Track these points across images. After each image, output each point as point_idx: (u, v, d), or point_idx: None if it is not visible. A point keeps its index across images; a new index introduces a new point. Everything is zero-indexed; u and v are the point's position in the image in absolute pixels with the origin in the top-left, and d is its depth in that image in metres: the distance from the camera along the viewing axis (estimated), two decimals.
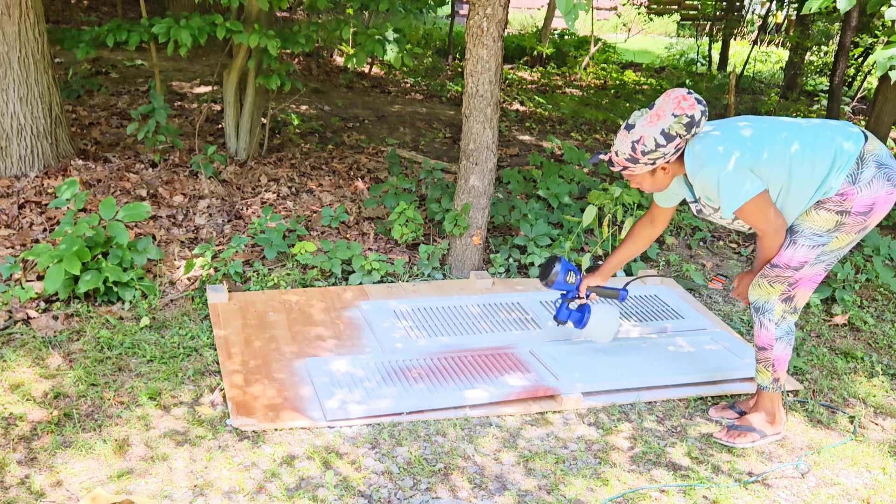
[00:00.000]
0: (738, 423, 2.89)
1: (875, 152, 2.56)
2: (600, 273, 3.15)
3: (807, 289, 2.76)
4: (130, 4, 9.50)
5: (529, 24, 14.48)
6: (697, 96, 2.56)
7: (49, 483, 2.37)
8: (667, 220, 3.02)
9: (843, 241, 2.64)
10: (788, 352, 2.81)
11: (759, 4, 15.99)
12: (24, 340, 3.12)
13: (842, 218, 2.57)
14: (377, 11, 4.95)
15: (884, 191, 2.55)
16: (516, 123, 7.61)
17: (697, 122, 2.56)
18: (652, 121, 2.58)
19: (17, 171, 4.44)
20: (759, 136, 2.58)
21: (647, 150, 2.60)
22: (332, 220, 4.35)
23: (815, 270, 2.73)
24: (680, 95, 2.57)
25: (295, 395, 2.88)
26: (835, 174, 2.53)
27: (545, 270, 3.14)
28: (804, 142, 2.56)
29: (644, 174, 2.72)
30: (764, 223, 2.63)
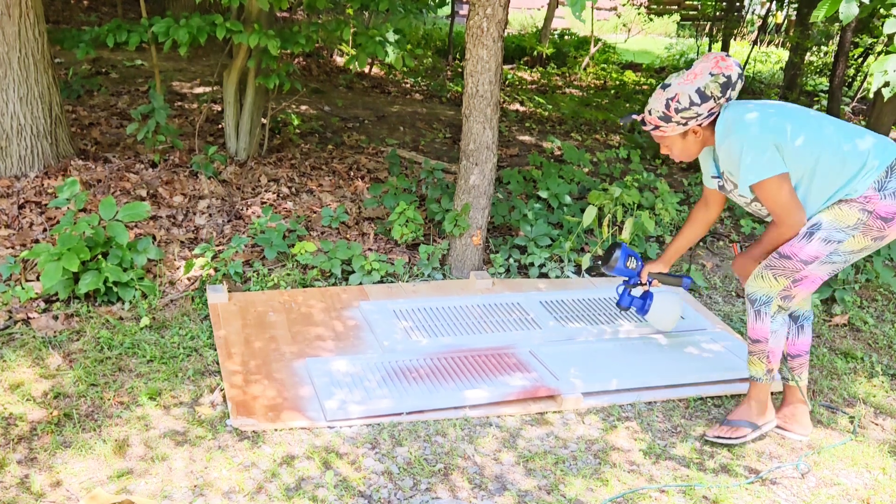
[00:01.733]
0: (729, 417, 2.88)
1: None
2: (662, 260, 3.14)
3: (807, 289, 2.72)
4: (130, 4, 9.50)
5: (529, 24, 14.48)
6: (736, 60, 2.54)
7: (49, 483, 2.37)
8: (720, 203, 2.97)
9: (858, 243, 2.59)
10: (783, 343, 2.80)
11: (759, 4, 15.99)
12: (24, 340, 3.12)
13: (864, 217, 2.53)
14: (377, 12, 4.95)
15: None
16: (516, 123, 7.62)
17: (734, 83, 2.55)
18: (688, 79, 2.58)
19: (17, 171, 4.44)
20: (798, 118, 2.57)
21: (681, 108, 2.59)
22: (332, 220, 4.35)
23: (822, 271, 2.67)
24: (719, 56, 2.56)
25: (295, 396, 2.88)
26: (862, 176, 2.51)
27: (606, 255, 3.17)
28: (842, 137, 2.55)
29: (675, 136, 2.70)
30: (782, 209, 2.59)
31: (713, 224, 3.05)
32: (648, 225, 4.21)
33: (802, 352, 2.92)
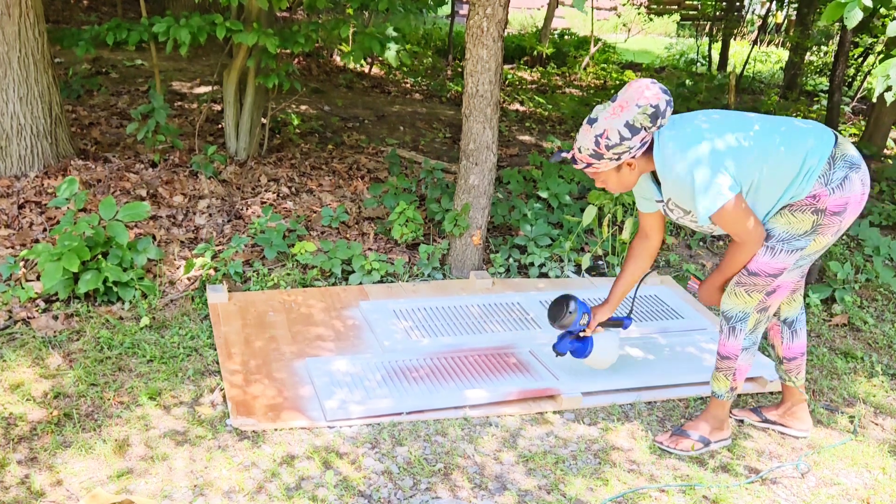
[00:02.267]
0: (684, 426, 2.82)
1: (846, 153, 2.48)
2: (608, 304, 2.91)
3: (782, 296, 2.65)
4: (130, 4, 9.50)
5: (529, 24, 14.48)
6: (662, 86, 2.41)
7: (49, 483, 2.37)
8: (660, 229, 2.79)
9: (820, 243, 2.53)
10: (751, 362, 2.74)
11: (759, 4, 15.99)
12: (24, 340, 3.12)
13: (818, 218, 2.46)
14: (377, 11, 4.95)
15: (857, 192, 2.47)
16: (516, 123, 7.61)
17: (663, 112, 2.40)
18: (615, 112, 2.41)
19: (17, 171, 4.44)
20: (737, 128, 2.47)
21: (612, 144, 2.42)
22: (332, 220, 4.35)
23: (792, 277, 2.62)
24: (643, 85, 2.40)
25: (295, 395, 2.88)
26: (804, 176, 2.44)
27: (558, 310, 2.91)
28: (779, 139, 2.46)
29: (609, 171, 2.53)
30: (743, 230, 2.49)
31: (656, 254, 2.84)
32: None
33: (798, 354, 2.87)
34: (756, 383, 3.25)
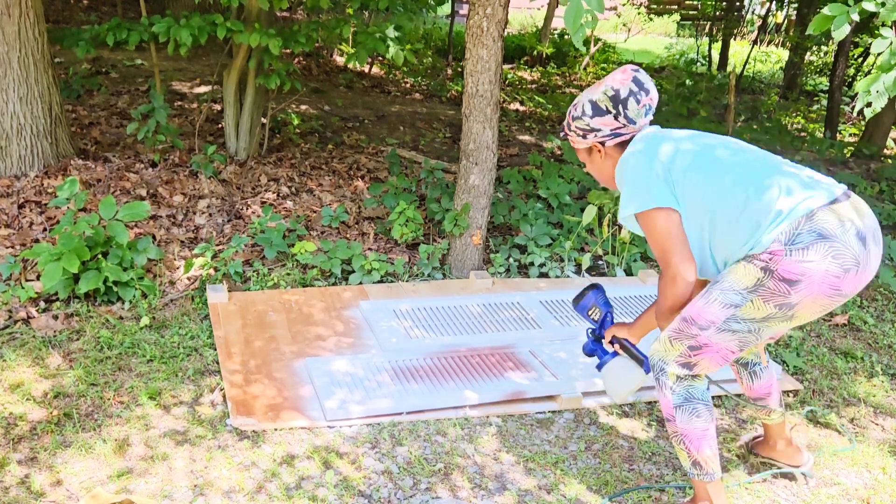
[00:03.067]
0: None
1: (828, 221, 2.05)
2: (631, 327, 2.54)
3: (712, 360, 2.22)
4: (130, 4, 9.50)
5: (529, 24, 14.48)
6: (640, 77, 2.27)
7: (49, 483, 2.37)
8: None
9: (759, 310, 2.11)
10: (700, 425, 2.26)
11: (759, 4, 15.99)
12: (24, 340, 3.12)
13: (763, 277, 2.07)
14: (377, 11, 4.95)
15: (822, 267, 2.02)
16: (516, 123, 7.61)
17: (623, 100, 2.25)
18: (591, 89, 2.36)
19: (17, 171, 4.44)
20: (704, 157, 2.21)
21: (576, 116, 2.35)
22: (332, 220, 4.35)
23: (725, 343, 2.18)
24: (621, 69, 2.30)
25: (295, 395, 2.88)
26: (768, 227, 2.08)
27: (580, 295, 2.74)
28: (750, 179, 2.14)
29: (583, 152, 2.43)
30: (662, 249, 2.19)
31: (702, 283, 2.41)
32: None
33: (763, 395, 2.57)
34: None
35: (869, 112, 2.73)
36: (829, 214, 2.06)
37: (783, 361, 3.50)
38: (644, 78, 2.29)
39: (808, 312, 2.12)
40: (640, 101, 2.28)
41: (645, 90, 2.28)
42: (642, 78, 2.28)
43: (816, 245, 2.03)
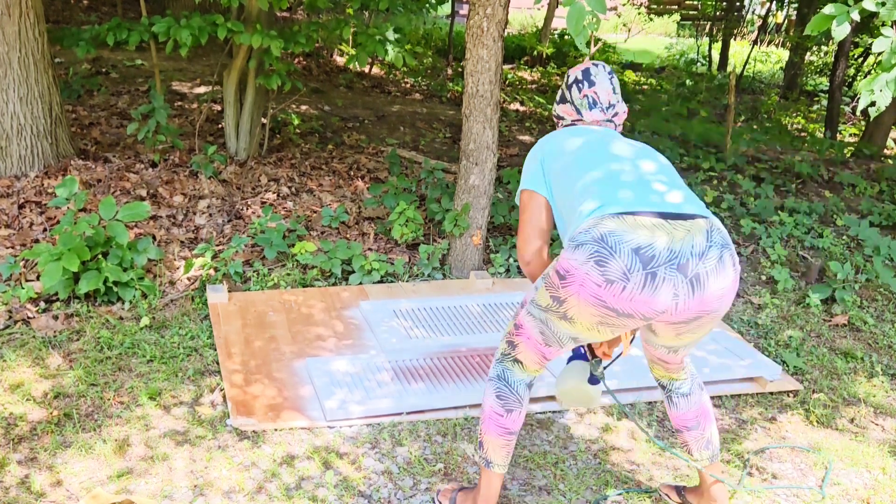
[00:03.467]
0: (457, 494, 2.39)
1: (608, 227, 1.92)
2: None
3: (528, 349, 2.17)
4: (130, 4, 9.50)
5: (529, 24, 14.48)
6: (593, 69, 2.27)
7: (49, 483, 2.37)
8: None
9: (542, 298, 2.05)
10: (496, 407, 2.19)
11: (759, 4, 15.99)
12: (24, 340, 3.12)
13: (550, 267, 2.05)
14: (377, 11, 4.95)
15: (584, 270, 1.91)
16: (516, 123, 7.62)
17: (569, 87, 2.31)
18: None
19: (17, 171, 4.44)
20: (576, 157, 2.17)
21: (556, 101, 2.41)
22: (332, 220, 4.35)
23: (531, 328, 2.13)
24: (586, 61, 2.35)
25: (295, 395, 2.88)
26: (574, 226, 2.06)
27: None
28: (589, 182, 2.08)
29: None
30: (519, 233, 2.25)
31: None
32: None
33: (682, 427, 2.33)
34: (756, 383, 3.25)
35: (873, 111, 2.72)
36: (615, 222, 1.92)
37: (783, 361, 3.50)
38: (595, 71, 2.29)
39: (583, 318, 1.97)
40: (581, 91, 2.28)
41: (590, 81, 2.28)
42: (593, 70, 2.29)
43: (586, 246, 1.93)
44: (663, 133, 7.58)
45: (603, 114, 2.30)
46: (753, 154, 7.08)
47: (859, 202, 5.98)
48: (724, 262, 1.93)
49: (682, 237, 1.91)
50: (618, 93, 2.33)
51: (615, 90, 2.32)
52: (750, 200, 5.59)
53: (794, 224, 5.20)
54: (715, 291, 1.93)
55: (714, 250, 1.92)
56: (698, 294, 1.91)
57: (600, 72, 2.29)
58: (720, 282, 1.93)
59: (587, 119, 2.31)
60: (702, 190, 5.62)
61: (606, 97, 2.29)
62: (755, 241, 4.93)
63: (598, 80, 2.28)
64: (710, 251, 1.92)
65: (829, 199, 5.84)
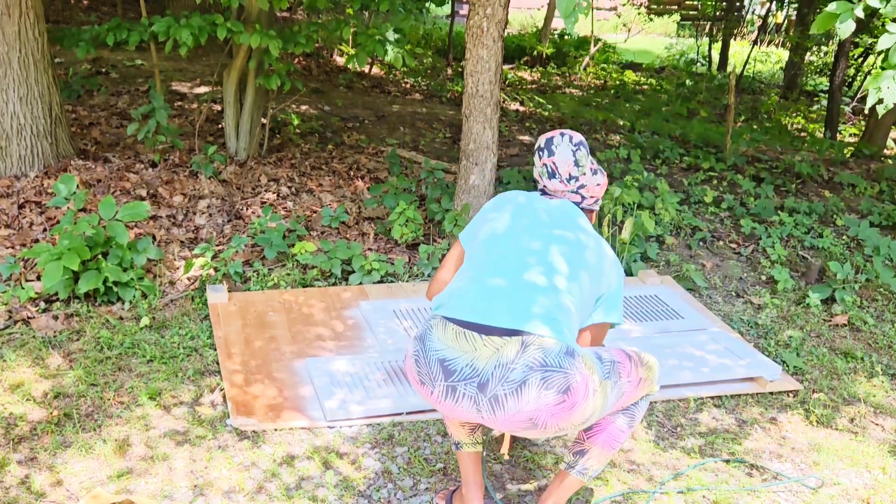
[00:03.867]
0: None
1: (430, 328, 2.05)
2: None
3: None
4: (130, 4, 9.50)
5: (529, 24, 14.48)
6: (557, 139, 2.25)
7: (49, 483, 2.37)
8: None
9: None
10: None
11: (759, 4, 16.00)
12: (24, 340, 3.12)
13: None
14: (377, 11, 4.96)
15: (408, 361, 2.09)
16: (516, 123, 7.62)
17: (534, 151, 2.34)
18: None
19: (17, 171, 4.44)
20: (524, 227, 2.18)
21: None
22: (332, 220, 4.35)
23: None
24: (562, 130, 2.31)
25: (295, 395, 2.88)
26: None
27: None
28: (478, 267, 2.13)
29: None
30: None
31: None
32: (648, 225, 4.21)
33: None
34: (756, 383, 3.25)
35: (881, 108, 2.71)
36: (439, 327, 2.01)
37: (783, 361, 3.50)
38: (559, 140, 2.23)
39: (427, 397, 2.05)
40: (542, 159, 2.26)
41: (549, 150, 2.23)
42: (556, 140, 2.24)
43: (415, 341, 2.06)
44: (663, 133, 7.58)
45: (564, 185, 2.24)
46: (753, 154, 7.08)
47: (859, 202, 5.98)
48: (528, 385, 1.89)
49: (489, 356, 1.92)
50: (583, 165, 2.23)
51: (578, 163, 2.22)
52: (750, 200, 5.59)
53: (794, 224, 5.20)
54: (519, 413, 1.91)
55: (517, 373, 1.90)
56: (500, 413, 1.92)
57: (563, 142, 2.23)
58: (521, 405, 1.90)
59: (549, 188, 2.27)
60: (702, 190, 5.63)
61: (566, 169, 2.22)
62: (755, 241, 4.93)
63: (558, 151, 2.22)
64: (511, 374, 1.90)
65: (829, 199, 5.84)
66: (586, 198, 2.28)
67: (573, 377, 1.92)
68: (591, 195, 2.28)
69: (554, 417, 1.93)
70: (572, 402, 1.92)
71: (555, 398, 1.90)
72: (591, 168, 2.26)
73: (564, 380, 1.90)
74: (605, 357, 2.10)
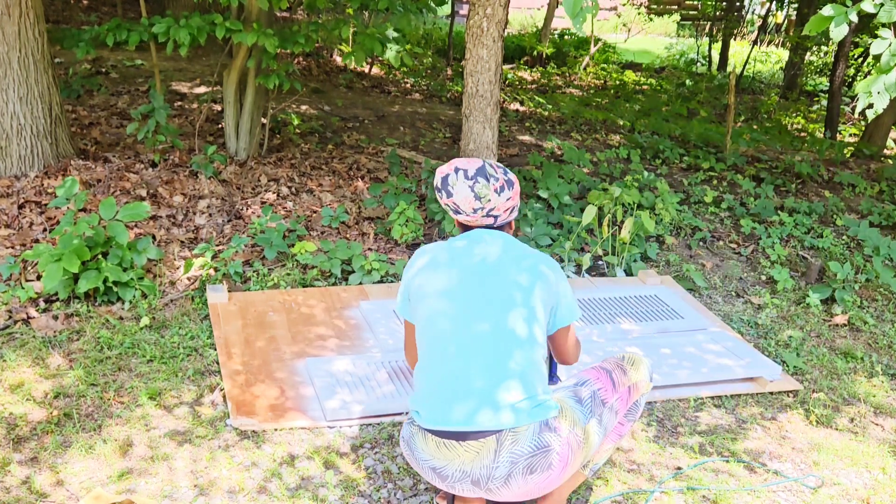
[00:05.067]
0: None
1: (414, 440, 2.15)
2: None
3: None
4: (130, 4, 9.50)
5: (529, 24, 14.49)
6: (455, 174, 2.17)
7: (50, 483, 2.37)
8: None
9: None
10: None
11: (759, 4, 16.00)
12: (24, 340, 3.12)
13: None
14: (377, 11, 4.96)
15: (405, 451, 2.21)
16: (516, 123, 7.62)
17: (434, 188, 2.31)
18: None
19: (17, 171, 4.44)
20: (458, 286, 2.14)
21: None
22: (332, 220, 4.35)
23: None
24: (452, 163, 2.22)
25: (295, 395, 2.88)
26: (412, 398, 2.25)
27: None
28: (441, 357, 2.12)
29: None
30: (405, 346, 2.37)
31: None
32: (648, 225, 4.22)
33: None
34: (756, 383, 3.26)
35: (871, 113, 2.71)
36: (420, 437, 2.11)
37: (783, 361, 3.50)
38: (454, 180, 2.15)
39: (420, 473, 2.17)
40: (442, 199, 2.21)
41: (447, 192, 2.17)
42: (451, 179, 2.16)
43: (403, 441, 2.19)
44: (663, 133, 7.58)
45: (473, 216, 2.19)
46: (753, 154, 7.09)
47: (859, 202, 5.98)
48: (513, 476, 2.03)
49: (472, 459, 2.04)
50: (485, 195, 2.15)
51: (479, 196, 2.14)
52: (750, 200, 5.59)
53: (794, 224, 5.21)
54: (513, 496, 2.09)
55: (501, 469, 2.03)
56: (498, 496, 2.09)
57: (459, 180, 2.15)
58: (515, 493, 2.07)
59: (462, 220, 2.23)
60: (702, 190, 5.63)
61: (468, 205, 2.16)
62: (755, 241, 4.93)
63: (455, 191, 2.15)
64: (496, 471, 2.03)
65: (829, 199, 5.84)
66: (499, 216, 2.21)
67: (553, 451, 2.04)
68: (504, 210, 2.21)
69: (551, 484, 2.08)
70: (560, 468, 2.06)
71: (542, 476, 2.05)
72: (495, 189, 2.16)
73: (545, 458, 2.03)
74: (585, 394, 2.18)
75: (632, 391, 2.26)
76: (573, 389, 2.19)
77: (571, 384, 2.23)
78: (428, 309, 2.14)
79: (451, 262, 2.17)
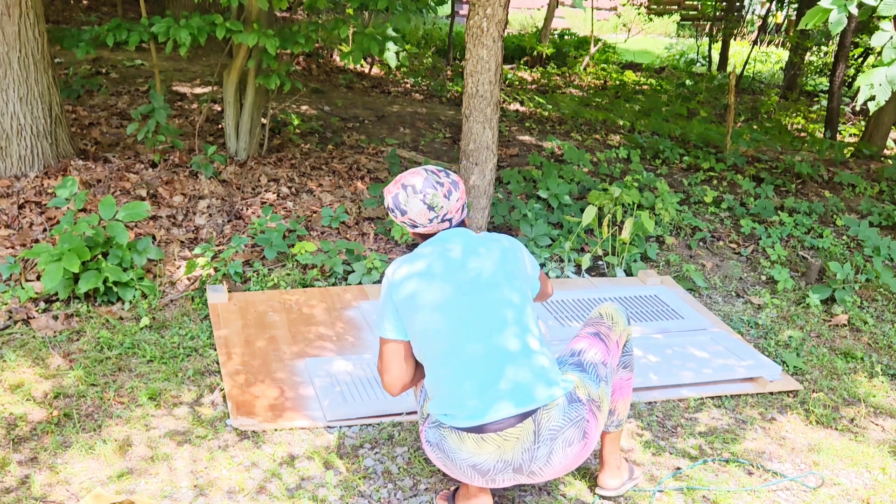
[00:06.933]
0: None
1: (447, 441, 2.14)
2: None
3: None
4: (130, 4, 9.50)
5: (529, 24, 14.48)
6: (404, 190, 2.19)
7: (50, 483, 2.37)
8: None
9: None
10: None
11: (759, 4, 16.00)
12: (24, 340, 3.12)
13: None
14: (377, 11, 4.96)
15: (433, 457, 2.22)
16: (516, 123, 7.62)
17: (387, 209, 2.28)
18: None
19: (17, 171, 4.44)
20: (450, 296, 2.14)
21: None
22: (332, 220, 4.35)
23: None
24: (398, 180, 2.23)
25: (295, 395, 2.88)
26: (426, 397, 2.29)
27: None
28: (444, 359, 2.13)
29: None
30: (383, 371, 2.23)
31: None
32: (648, 225, 4.22)
33: None
34: (756, 383, 3.25)
35: (873, 105, 2.67)
36: (454, 438, 2.11)
37: (783, 361, 3.50)
38: (405, 197, 2.17)
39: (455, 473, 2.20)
40: (398, 218, 2.22)
41: (401, 210, 2.19)
42: (402, 197, 2.17)
43: (431, 446, 2.18)
44: (663, 133, 7.58)
45: (430, 225, 2.21)
46: (753, 154, 7.09)
47: (859, 202, 5.98)
48: (554, 453, 2.11)
49: (512, 446, 2.09)
50: (437, 204, 2.16)
51: (431, 206, 2.17)
52: (750, 200, 5.59)
53: (794, 224, 5.21)
54: (554, 473, 2.17)
55: (543, 449, 2.10)
56: (540, 479, 2.17)
57: (410, 196, 2.17)
58: (556, 470, 2.16)
59: (420, 232, 2.25)
60: (702, 190, 5.63)
61: (423, 217, 2.18)
62: (755, 241, 4.93)
63: (409, 207, 2.17)
64: (538, 451, 2.10)
65: (829, 199, 5.84)
66: (453, 217, 2.23)
67: (584, 420, 2.14)
68: (456, 211, 2.22)
69: (585, 453, 2.19)
70: (592, 436, 2.17)
71: (578, 447, 2.14)
72: (444, 195, 2.17)
73: (579, 429, 2.13)
74: (587, 362, 2.26)
75: (620, 340, 2.38)
76: (573, 361, 2.27)
77: (568, 355, 2.30)
78: (432, 308, 2.14)
79: (441, 261, 2.18)
